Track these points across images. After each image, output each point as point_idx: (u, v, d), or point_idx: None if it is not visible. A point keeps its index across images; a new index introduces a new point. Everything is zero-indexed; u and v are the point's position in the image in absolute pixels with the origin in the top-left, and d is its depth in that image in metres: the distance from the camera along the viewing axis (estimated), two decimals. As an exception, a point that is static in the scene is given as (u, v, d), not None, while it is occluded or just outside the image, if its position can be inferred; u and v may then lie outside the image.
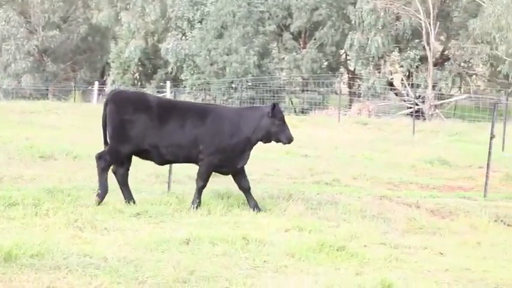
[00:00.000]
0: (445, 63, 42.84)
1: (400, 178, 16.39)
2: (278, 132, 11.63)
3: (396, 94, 44.67)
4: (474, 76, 44.78)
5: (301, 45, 44.97)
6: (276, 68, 44.18)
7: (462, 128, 29.76)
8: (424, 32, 40.96)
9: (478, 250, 9.53)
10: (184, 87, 43.69)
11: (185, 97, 42.87)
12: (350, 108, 40.45)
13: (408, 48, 42.16)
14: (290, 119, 32.22)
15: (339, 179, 15.53)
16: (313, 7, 43.06)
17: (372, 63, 42.87)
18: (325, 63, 45.93)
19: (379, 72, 42.97)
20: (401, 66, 42.23)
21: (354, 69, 46.19)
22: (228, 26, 42.66)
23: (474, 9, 41.93)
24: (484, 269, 8.39)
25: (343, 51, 46.63)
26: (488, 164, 15.02)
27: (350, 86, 46.87)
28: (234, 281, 7.54)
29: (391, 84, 44.49)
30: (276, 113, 11.56)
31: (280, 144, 11.83)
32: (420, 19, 40.86)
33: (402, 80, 43.19)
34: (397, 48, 42.82)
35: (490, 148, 15.22)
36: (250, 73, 41.62)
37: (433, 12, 40.57)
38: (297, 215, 11.14)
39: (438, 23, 41.23)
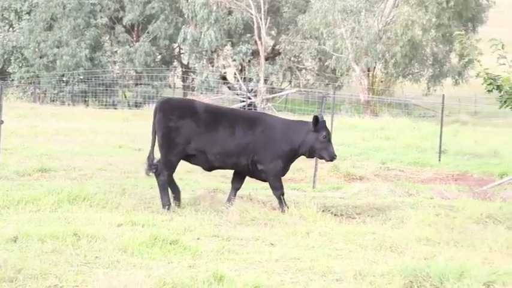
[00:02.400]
0: (276, 58, 43.80)
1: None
2: (321, 149, 11.64)
3: (229, 88, 45.19)
4: (304, 70, 46.03)
5: (134, 39, 44.57)
6: (109, 61, 43.56)
7: (293, 121, 30.38)
8: (255, 26, 41.65)
9: (307, 240, 9.81)
10: (12, 80, 42.25)
11: (13, 90, 41.51)
12: (184, 101, 40.42)
13: (240, 43, 42.74)
14: (123, 113, 32.00)
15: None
16: (146, 0, 42.78)
17: (205, 57, 43.14)
18: (159, 56, 45.78)
19: (213, 66, 43.33)
20: (234, 60, 42.79)
21: (188, 63, 46.29)
22: (58, 18, 41.62)
23: (303, 5, 43.11)
24: (312, 258, 8.65)
25: (176, 44, 46.61)
26: (317, 155, 15.46)
27: (184, 80, 46.94)
28: (64, 278, 7.39)
29: (224, 78, 44.96)
30: (319, 127, 11.53)
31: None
32: (252, 14, 41.52)
33: (235, 74, 43.76)
34: (230, 42, 43.32)
35: (318, 140, 15.66)
36: (82, 66, 40.82)
37: (264, 7, 41.32)
38: (130, 209, 11.05)
39: (269, 18, 42.05)
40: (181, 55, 48.99)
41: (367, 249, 9.40)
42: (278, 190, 11.68)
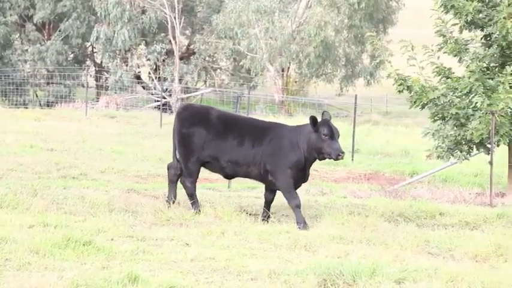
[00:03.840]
0: (191, 57, 43.72)
1: (148, 171, 16.50)
2: (325, 148, 10.91)
3: (144, 87, 44.86)
4: (219, 70, 46.10)
5: (46, 37, 43.77)
6: (19, 60, 42.67)
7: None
8: (169, 26, 41.46)
9: (222, 239, 9.81)
10: None
11: None
12: (97, 101, 39.99)
13: (155, 42, 42.48)
14: (34, 113, 31.37)
15: (87, 173, 15.33)
16: (57, -2, 42.12)
17: (119, 56, 42.74)
18: (71, 55, 45.10)
19: (127, 66, 42.94)
20: (148, 59, 42.51)
21: (101, 62, 45.74)
22: (-34, 15, 40.56)
23: (217, 5, 43.17)
24: (227, 258, 8.65)
25: (89, 43, 46.00)
26: (231, 155, 15.49)
27: (97, 79, 46.38)
28: (-27, 282, 7.19)
29: (138, 77, 44.61)
30: (318, 126, 10.91)
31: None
32: (166, 13, 41.31)
33: (149, 73, 43.47)
34: (144, 41, 43.03)
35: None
36: (-10, 65, 39.85)
37: (178, 6, 41.20)
38: (42, 210, 10.82)
39: (183, 17, 41.96)
40: (95, 54, 48.36)
41: (282, 248, 9.46)
42: (292, 201, 11.08)
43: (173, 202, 11.56)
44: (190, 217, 11.08)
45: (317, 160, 11.32)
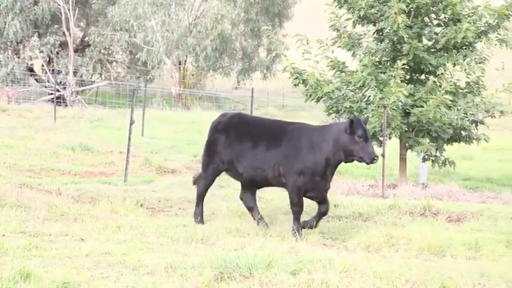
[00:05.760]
0: (86, 50, 42.94)
1: (42, 165, 16.17)
2: (358, 151, 10.16)
3: (37, 80, 43.80)
4: (114, 63, 45.47)
5: None
6: None
7: (103, 114, 30.07)
8: (63, 17, 40.62)
9: (118, 234, 9.71)
10: None
11: None
12: (-12, 94, 38.84)
13: (48, 34, 41.48)
14: None
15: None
16: None
17: (11, 48, 41.62)
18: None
19: (19, 58, 41.85)
20: (42, 51, 41.48)
21: (-8, 53, 44.43)
22: None
23: (113, -3, 42.60)
24: (123, 252, 8.57)
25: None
26: (128, 149, 15.38)
27: (-13, 71, 45.02)
28: None
29: (31, 69, 43.54)
30: (354, 128, 10.15)
31: None
32: (59, 4, 40.46)
33: (43, 65, 42.47)
34: (37, 33, 41.96)
35: (130, 133, 15.59)
36: None
37: (72, -2, 40.44)
38: None
39: (77, 9, 41.15)
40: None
41: (179, 242, 9.45)
42: (295, 207, 10.39)
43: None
44: (85, 212, 10.93)
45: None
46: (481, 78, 15.59)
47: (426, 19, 15.92)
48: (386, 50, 15.63)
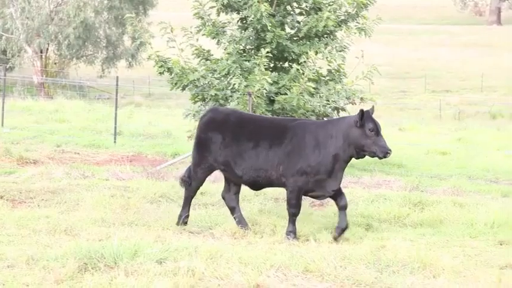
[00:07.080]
0: None
1: None
2: (370, 144, 9.54)
3: None
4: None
5: None
6: None
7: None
8: None
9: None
10: None
11: None
12: None
13: None
14: None
15: None
16: None
17: None
18: None
19: None
20: None
21: None
22: None
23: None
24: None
25: None
26: (-14, 139, 14.87)
27: None
28: None
29: None
30: (365, 121, 9.53)
31: None
32: None
33: None
34: None
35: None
36: None
37: None
38: None
39: None
40: None
41: (41, 233, 9.24)
42: (292, 209, 9.79)
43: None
44: None
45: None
46: (342, 66, 16.00)
47: (289, 8, 16.17)
48: (251, 38, 15.77)
